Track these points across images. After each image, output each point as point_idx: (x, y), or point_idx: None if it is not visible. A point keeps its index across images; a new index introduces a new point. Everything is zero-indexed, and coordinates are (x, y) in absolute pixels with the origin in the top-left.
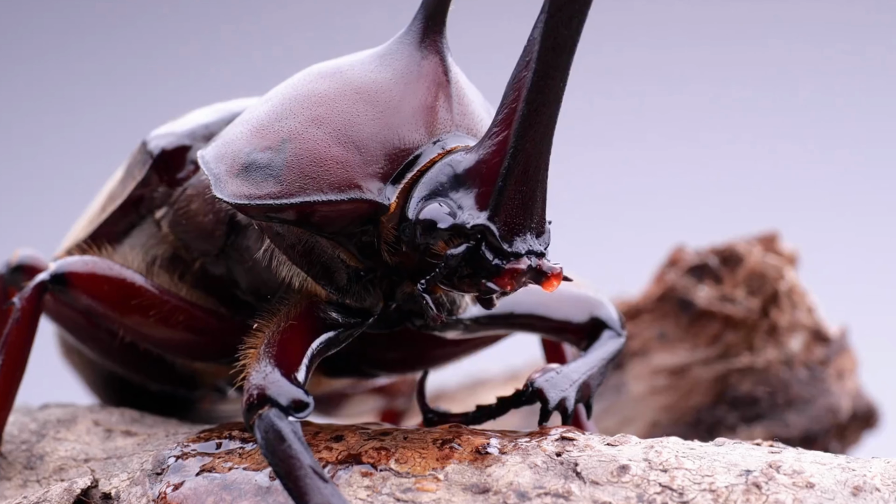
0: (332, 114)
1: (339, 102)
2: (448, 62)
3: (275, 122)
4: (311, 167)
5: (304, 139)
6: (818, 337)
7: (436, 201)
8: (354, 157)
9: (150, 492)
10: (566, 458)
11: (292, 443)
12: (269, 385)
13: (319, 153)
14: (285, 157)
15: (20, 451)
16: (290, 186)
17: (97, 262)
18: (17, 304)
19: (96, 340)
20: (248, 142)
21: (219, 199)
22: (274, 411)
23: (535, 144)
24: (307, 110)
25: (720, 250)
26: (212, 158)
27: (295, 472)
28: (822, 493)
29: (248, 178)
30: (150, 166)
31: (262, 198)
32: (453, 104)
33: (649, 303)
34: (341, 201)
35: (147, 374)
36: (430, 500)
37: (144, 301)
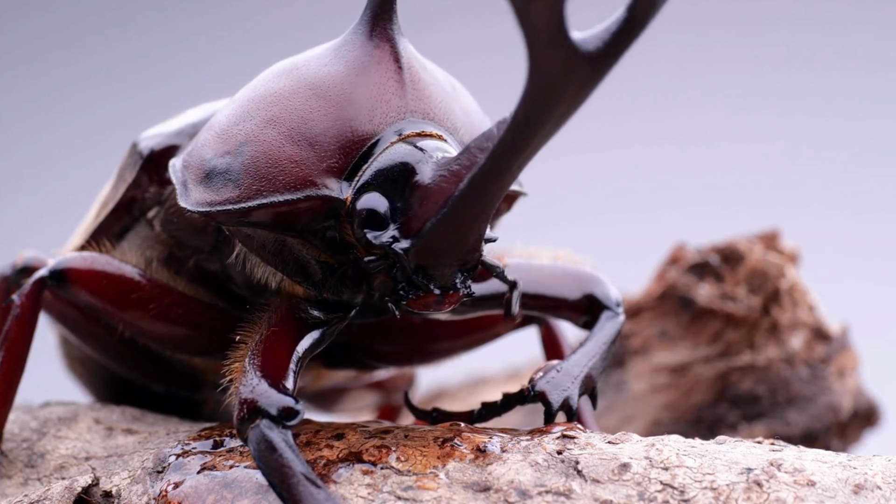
0: (286, 113)
1: (293, 100)
2: (399, 48)
3: (234, 125)
4: (267, 169)
5: (260, 141)
6: (819, 335)
7: (375, 193)
8: (308, 154)
9: (150, 490)
10: (567, 456)
11: (284, 452)
12: (258, 397)
13: (274, 154)
14: (242, 160)
15: (21, 449)
16: (247, 190)
17: (96, 257)
18: (16, 301)
19: (96, 338)
20: (211, 148)
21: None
22: (265, 422)
23: (477, 207)
24: (263, 111)
25: (721, 248)
26: (180, 167)
27: (288, 480)
28: (823, 492)
29: (210, 185)
30: (140, 167)
31: (222, 203)
32: (406, 89)
33: (650, 301)
34: (298, 200)
35: (147, 372)
36: (431, 498)
37: (143, 295)
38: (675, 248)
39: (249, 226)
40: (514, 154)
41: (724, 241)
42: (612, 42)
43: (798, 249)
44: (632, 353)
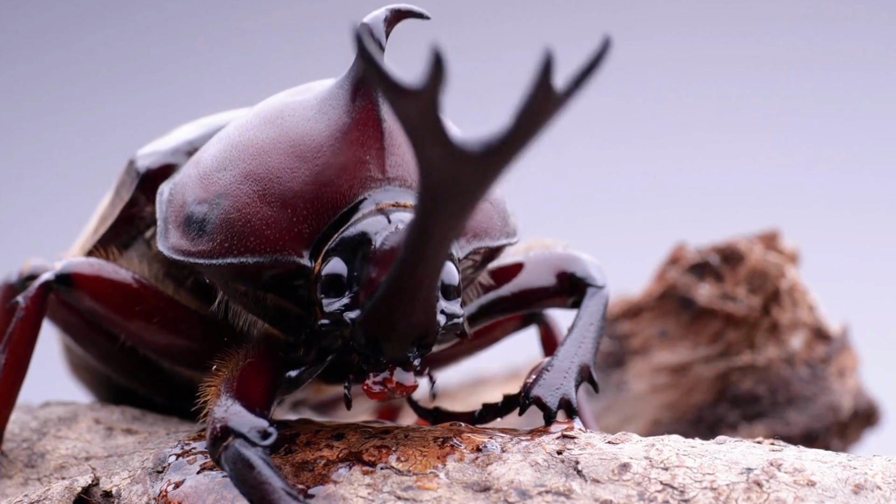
0: (263, 169)
1: (271, 156)
2: (382, 111)
3: (215, 171)
4: (240, 227)
5: (236, 196)
6: (819, 335)
7: (338, 258)
8: (281, 216)
9: (150, 490)
10: (567, 456)
11: (262, 469)
12: (230, 417)
13: (248, 213)
14: (217, 213)
15: (21, 450)
16: (219, 246)
17: (103, 264)
18: (21, 303)
19: (98, 346)
20: (192, 190)
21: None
22: (239, 441)
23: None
24: (242, 163)
25: (721, 248)
26: (165, 199)
27: (269, 497)
28: (823, 492)
29: (187, 233)
30: (137, 187)
31: (195, 255)
32: (386, 156)
33: (650, 301)
34: (267, 263)
35: (148, 383)
36: (431, 498)
37: (147, 307)
38: (676, 248)
39: (222, 279)
40: (425, 243)
41: (725, 241)
42: (497, 146)
43: (798, 249)
44: (632, 353)
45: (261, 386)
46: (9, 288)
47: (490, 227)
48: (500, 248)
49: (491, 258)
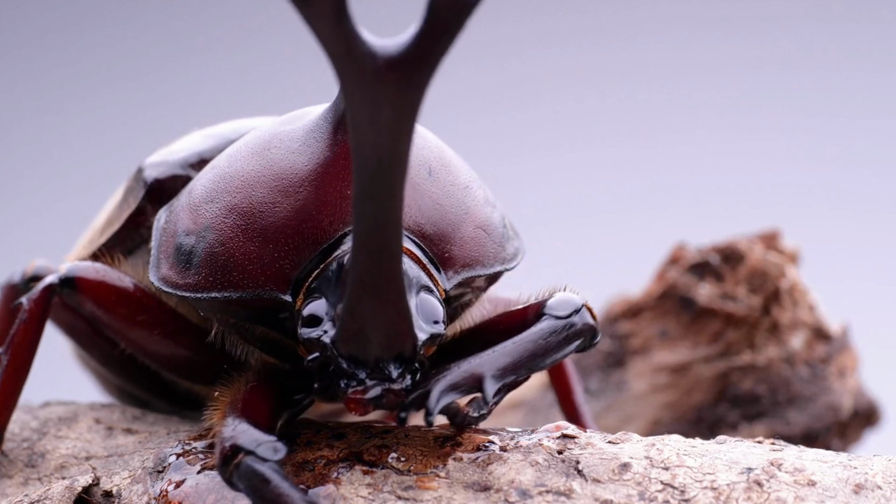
0: (247, 203)
1: (255, 189)
2: None
3: (203, 203)
4: (224, 261)
5: (221, 230)
6: (819, 335)
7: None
8: (264, 252)
9: (151, 490)
10: (567, 455)
11: (278, 482)
12: (238, 435)
13: (231, 248)
14: (203, 247)
15: (21, 449)
16: (204, 280)
17: (108, 270)
18: (25, 305)
19: (100, 349)
20: (182, 221)
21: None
22: (250, 458)
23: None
24: (228, 196)
25: (721, 248)
26: (161, 226)
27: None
28: (823, 491)
29: (176, 264)
30: (144, 196)
31: (181, 288)
32: None
33: (650, 301)
34: (250, 299)
35: (149, 389)
36: (432, 497)
37: (150, 317)
38: (676, 247)
39: (211, 312)
40: (372, 214)
41: (725, 240)
42: (415, 48)
43: (798, 249)
44: (632, 353)
45: (265, 406)
46: (12, 288)
47: (482, 255)
48: (498, 274)
49: (490, 284)
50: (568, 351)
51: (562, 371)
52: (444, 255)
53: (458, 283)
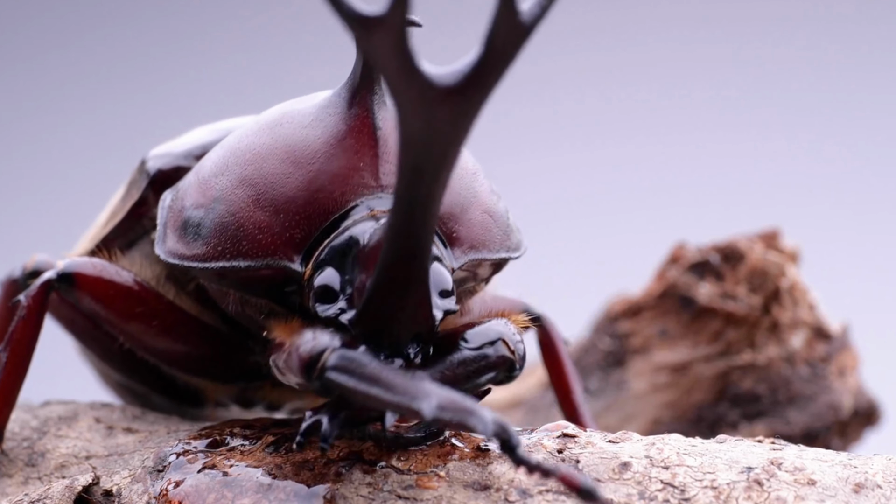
0: (258, 175)
1: (267, 162)
2: (377, 119)
3: (213, 177)
4: (233, 231)
5: (231, 201)
6: (820, 334)
7: (331, 268)
8: (274, 222)
9: (151, 489)
10: (568, 455)
11: (370, 362)
12: (319, 337)
13: (241, 217)
14: (213, 218)
15: (22, 449)
16: (213, 250)
17: (105, 265)
18: (23, 302)
19: (99, 344)
20: (191, 196)
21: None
22: (339, 350)
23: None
24: (239, 168)
25: (721, 247)
26: (167, 205)
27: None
28: (823, 491)
29: (183, 237)
30: (147, 186)
31: (189, 259)
32: (380, 164)
33: (650, 300)
34: (258, 267)
35: (148, 383)
36: (432, 497)
37: (148, 310)
38: (676, 247)
39: (217, 284)
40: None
41: (725, 240)
42: (471, 77)
43: (798, 248)
44: (632, 352)
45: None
46: (12, 283)
47: (488, 240)
48: (502, 262)
49: (493, 271)
50: (480, 382)
51: (561, 370)
52: (452, 234)
53: (464, 265)
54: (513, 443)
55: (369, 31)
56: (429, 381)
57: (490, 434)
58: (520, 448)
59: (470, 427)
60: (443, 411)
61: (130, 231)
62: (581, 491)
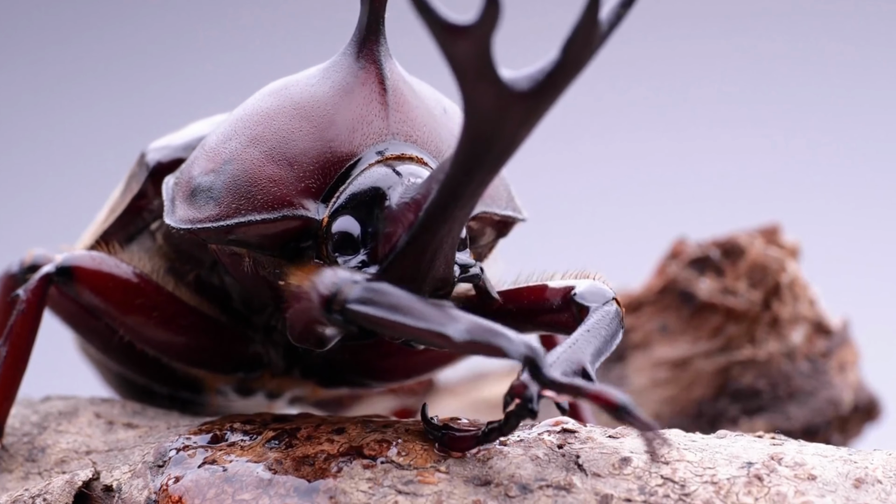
0: (269, 132)
1: (276, 120)
2: (385, 70)
3: (221, 143)
4: (247, 187)
5: (243, 160)
6: (820, 329)
7: (348, 216)
8: (287, 173)
9: (151, 484)
10: (568, 450)
11: (394, 292)
12: (338, 273)
13: (255, 173)
14: (225, 178)
15: (22, 444)
16: (227, 208)
17: (104, 258)
18: (21, 296)
19: (98, 336)
20: (198, 165)
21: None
22: (360, 284)
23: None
24: (248, 130)
25: (722, 243)
26: (171, 184)
27: (417, 307)
28: (823, 486)
29: (194, 203)
30: (147, 178)
31: (202, 221)
32: (390, 112)
33: (651, 295)
34: (275, 220)
35: (148, 374)
36: (432, 492)
37: (147, 302)
38: (676, 242)
39: (231, 244)
40: (461, 190)
41: (725, 235)
42: (545, 82)
43: (799, 244)
44: (632, 348)
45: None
46: (11, 278)
47: (497, 195)
48: (508, 222)
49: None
50: (619, 339)
51: None
52: None
53: (473, 217)
54: (540, 364)
55: (456, 38)
56: (454, 307)
57: (520, 355)
58: (547, 369)
59: (499, 350)
60: (471, 335)
61: (130, 225)
62: (617, 408)
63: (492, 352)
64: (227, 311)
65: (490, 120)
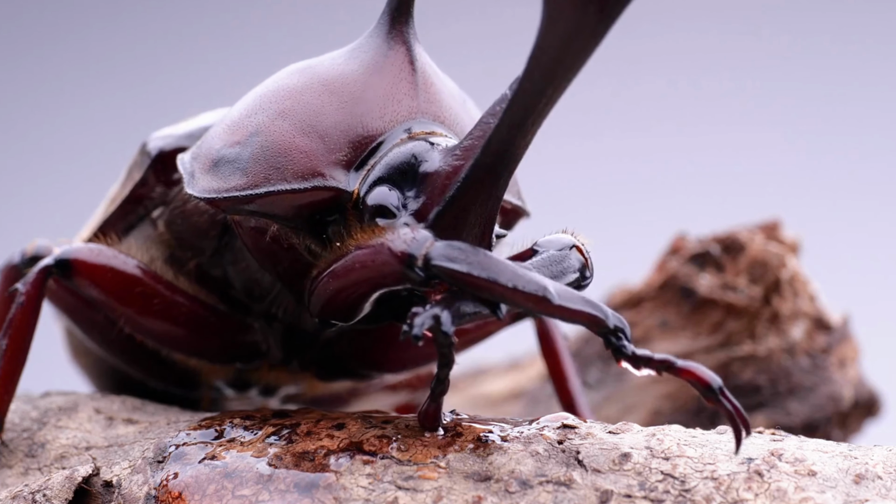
0: (298, 106)
1: (305, 95)
2: (414, 52)
3: (245, 118)
4: (276, 158)
5: (271, 132)
6: (820, 325)
7: (386, 186)
8: (318, 146)
9: (151, 480)
10: (568, 446)
11: (476, 249)
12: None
13: (284, 144)
14: (252, 150)
15: (21, 439)
16: (255, 178)
17: (102, 249)
18: (20, 289)
19: (97, 329)
20: (221, 139)
21: (190, 196)
22: (441, 242)
23: (487, 186)
24: (275, 104)
25: (722, 238)
26: (189, 159)
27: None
28: (823, 481)
29: (218, 173)
30: (148, 167)
31: (228, 190)
32: (419, 91)
33: (651, 291)
34: (305, 189)
35: (145, 368)
36: (432, 487)
37: (146, 291)
38: (676, 238)
39: (254, 215)
40: (529, 108)
41: (725, 231)
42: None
43: (799, 239)
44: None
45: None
46: (13, 268)
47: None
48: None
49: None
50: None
51: (558, 361)
52: None
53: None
54: (628, 338)
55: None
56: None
57: (611, 325)
58: (631, 347)
59: (592, 318)
60: (567, 300)
61: (131, 213)
62: (709, 388)
63: (582, 318)
64: (226, 299)
65: (567, 23)
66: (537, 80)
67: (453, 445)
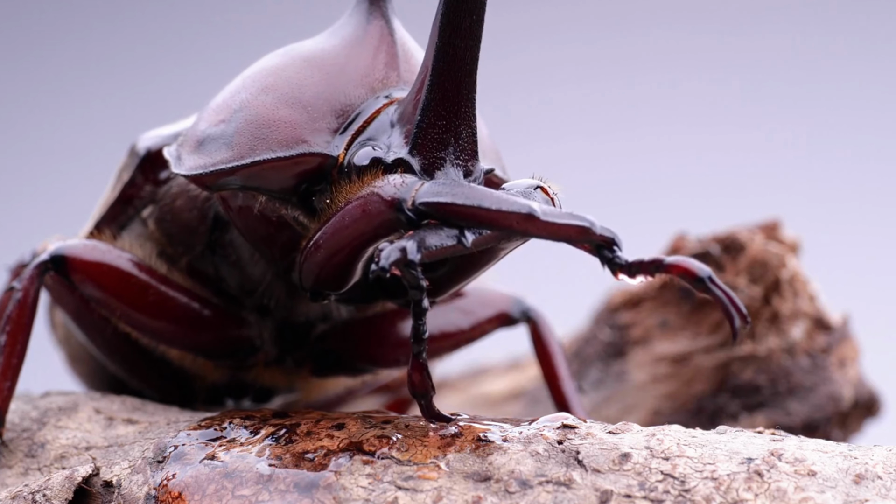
0: (280, 81)
1: (287, 71)
2: (393, 25)
3: (229, 98)
4: (261, 129)
5: (254, 106)
6: (820, 325)
7: (368, 146)
8: (301, 115)
9: (151, 480)
10: (568, 446)
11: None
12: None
13: (268, 116)
14: (236, 124)
15: (21, 439)
16: (240, 150)
17: (97, 245)
18: (17, 286)
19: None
20: (206, 121)
21: (177, 175)
22: (427, 182)
23: (452, 78)
24: (258, 82)
25: (722, 238)
26: (175, 146)
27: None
28: (823, 481)
29: (204, 151)
30: (137, 167)
31: (215, 164)
32: (399, 62)
33: (651, 291)
34: (290, 157)
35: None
36: (432, 487)
37: (141, 285)
38: (676, 237)
39: (241, 190)
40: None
41: (725, 230)
42: None
43: (799, 239)
44: (632, 343)
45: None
46: (22, 269)
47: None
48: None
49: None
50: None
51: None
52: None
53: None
54: (621, 247)
55: None
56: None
57: (600, 234)
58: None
59: (582, 230)
60: (554, 216)
61: (122, 214)
62: (699, 279)
63: (570, 232)
64: (219, 293)
65: None
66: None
67: (453, 445)
